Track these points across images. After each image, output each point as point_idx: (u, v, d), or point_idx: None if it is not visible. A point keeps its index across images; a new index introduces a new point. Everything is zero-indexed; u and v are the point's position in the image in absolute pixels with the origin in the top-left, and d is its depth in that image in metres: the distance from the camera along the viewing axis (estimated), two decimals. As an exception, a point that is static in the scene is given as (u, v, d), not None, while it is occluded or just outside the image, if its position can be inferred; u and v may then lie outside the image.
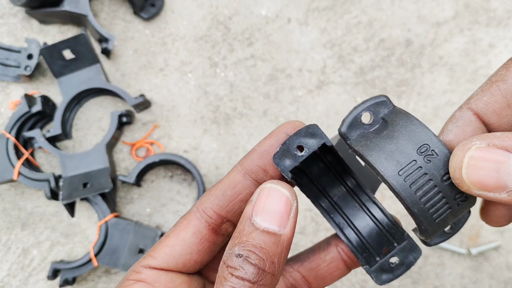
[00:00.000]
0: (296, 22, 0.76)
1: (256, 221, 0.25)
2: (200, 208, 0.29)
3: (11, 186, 0.72)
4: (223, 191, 0.29)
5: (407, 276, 0.69)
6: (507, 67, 0.26)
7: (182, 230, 0.29)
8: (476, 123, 0.27)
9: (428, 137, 0.25)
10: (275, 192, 0.25)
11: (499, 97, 0.26)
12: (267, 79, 0.74)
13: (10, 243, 0.70)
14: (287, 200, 0.25)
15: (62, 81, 0.71)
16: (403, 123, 0.26)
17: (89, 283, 0.69)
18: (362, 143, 0.26)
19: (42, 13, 0.72)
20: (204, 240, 0.29)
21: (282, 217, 0.25)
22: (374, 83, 0.74)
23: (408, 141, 0.25)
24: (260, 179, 0.28)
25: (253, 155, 0.29)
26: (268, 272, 0.24)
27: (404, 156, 0.25)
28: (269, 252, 0.24)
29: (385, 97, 0.27)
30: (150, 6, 0.75)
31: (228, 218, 0.29)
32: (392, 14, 0.76)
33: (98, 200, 0.66)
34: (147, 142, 0.72)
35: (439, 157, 0.25)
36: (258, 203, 0.25)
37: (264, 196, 0.25)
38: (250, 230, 0.25)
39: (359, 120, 0.27)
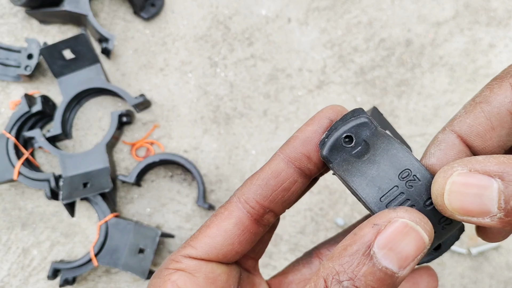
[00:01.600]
0: (296, 22, 0.76)
1: (377, 254, 0.21)
2: (242, 198, 0.28)
3: (11, 186, 0.72)
4: (266, 180, 0.28)
5: (407, 276, 0.69)
6: (491, 87, 0.26)
7: (223, 220, 0.28)
8: (459, 146, 0.26)
9: (409, 162, 0.25)
10: (412, 232, 0.21)
11: (482, 119, 0.26)
12: (267, 79, 0.74)
13: (10, 243, 0.70)
14: (422, 245, 0.22)
15: (62, 81, 0.71)
16: (385, 146, 0.25)
17: (89, 283, 0.69)
18: (344, 168, 0.26)
19: (42, 13, 0.72)
20: (246, 231, 0.28)
21: (408, 259, 0.21)
22: (374, 83, 0.74)
23: (390, 166, 0.25)
24: (303, 166, 0.27)
25: (295, 142, 0.27)
26: None
27: (386, 182, 0.24)
28: None
29: (366, 118, 0.26)
30: (150, 6, 0.75)
31: (270, 208, 0.28)
32: (392, 14, 0.76)
33: (98, 200, 0.66)
34: (147, 142, 0.72)
35: (421, 182, 0.24)
36: (386, 235, 0.21)
37: (397, 229, 0.21)
38: (365, 261, 0.21)
39: (341, 142, 0.26)
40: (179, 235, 0.70)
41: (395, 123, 0.73)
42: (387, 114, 0.73)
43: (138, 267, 0.64)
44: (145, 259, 0.64)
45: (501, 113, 0.25)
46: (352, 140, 0.26)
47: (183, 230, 0.70)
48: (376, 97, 0.73)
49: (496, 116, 0.25)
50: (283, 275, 0.34)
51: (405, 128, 0.72)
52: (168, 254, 0.70)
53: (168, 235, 0.68)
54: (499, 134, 0.26)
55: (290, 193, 0.28)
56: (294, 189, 0.28)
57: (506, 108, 0.25)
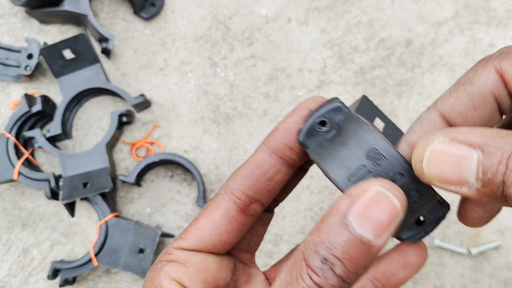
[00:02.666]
0: (296, 22, 0.76)
1: (352, 223, 0.22)
2: (228, 189, 0.29)
3: (11, 186, 0.72)
4: (250, 171, 0.29)
5: (407, 276, 0.69)
6: (475, 69, 0.26)
7: (211, 212, 0.29)
8: (441, 125, 0.27)
9: (376, 141, 0.25)
10: (383, 199, 0.22)
11: (465, 99, 0.26)
12: (267, 79, 0.74)
13: (10, 243, 0.70)
14: (395, 211, 0.22)
15: (62, 81, 0.71)
16: (354, 128, 0.26)
17: (89, 283, 0.69)
18: (318, 151, 0.27)
19: (42, 13, 0.72)
20: (233, 221, 0.29)
21: (382, 227, 0.22)
22: (374, 82, 0.74)
23: (357, 147, 0.26)
24: (286, 156, 0.28)
25: (277, 133, 0.29)
26: (348, 284, 0.22)
27: (354, 162, 0.25)
28: (357, 264, 0.22)
29: (340, 102, 0.27)
30: (150, 5, 0.75)
31: (256, 198, 0.29)
32: (392, 14, 0.76)
33: (98, 199, 0.66)
34: (147, 142, 0.72)
35: (388, 159, 0.25)
36: (360, 204, 0.22)
37: (369, 197, 0.22)
38: (341, 231, 0.22)
39: (316, 128, 0.27)
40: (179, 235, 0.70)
41: (395, 123, 0.73)
42: (387, 114, 0.73)
43: (138, 267, 0.64)
44: (145, 259, 0.64)
45: (484, 93, 0.26)
46: (326, 124, 0.27)
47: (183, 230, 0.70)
48: (376, 97, 0.73)
49: (479, 97, 0.26)
50: (279, 265, 0.35)
51: (405, 128, 0.72)
52: (168, 254, 0.70)
53: (168, 235, 0.68)
54: (480, 114, 0.26)
55: (274, 183, 0.29)
56: (278, 178, 0.29)
57: (489, 89, 0.26)
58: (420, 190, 0.25)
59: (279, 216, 0.70)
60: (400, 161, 0.25)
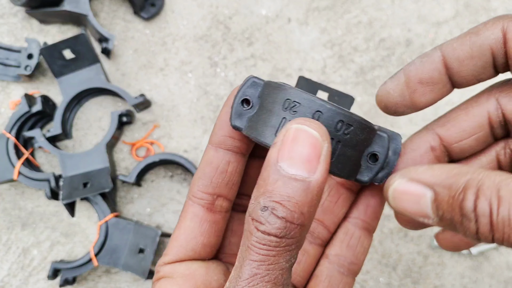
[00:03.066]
0: (296, 22, 0.76)
1: (282, 167, 0.22)
2: (190, 195, 0.30)
3: (11, 186, 0.72)
4: (202, 171, 0.30)
5: (407, 276, 0.69)
6: (486, 23, 0.28)
7: (181, 221, 0.30)
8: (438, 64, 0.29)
9: (288, 93, 0.26)
10: (302, 134, 0.23)
11: (466, 47, 0.28)
12: (267, 79, 0.74)
13: (10, 242, 0.70)
14: (316, 141, 0.23)
15: (62, 81, 0.71)
16: (268, 91, 0.27)
17: (89, 283, 0.69)
18: (249, 127, 0.28)
19: (42, 12, 0.72)
20: (203, 222, 0.30)
21: (311, 161, 0.22)
22: (374, 82, 0.74)
23: (275, 105, 0.26)
24: (229, 146, 0.30)
25: (215, 128, 0.30)
26: (296, 224, 0.22)
27: (275, 119, 0.26)
28: (297, 202, 0.22)
29: (253, 77, 0.29)
30: (150, 5, 0.75)
31: (217, 193, 0.30)
32: (392, 13, 0.76)
33: (98, 199, 0.66)
34: (147, 142, 0.72)
35: (302, 104, 0.26)
36: (284, 147, 0.23)
37: (290, 138, 0.23)
38: (275, 177, 0.22)
39: (241, 108, 0.28)
40: (179, 235, 0.70)
41: (395, 123, 0.73)
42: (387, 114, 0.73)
43: (138, 267, 0.64)
44: (145, 259, 0.64)
45: (483, 45, 0.27)
46: (249, 102, 0.28)
47: (183, 230, 0.70)
48: (376, 97, 0.73)
49: (478, 48, 0.27)
50: None
51: (405, 128, 0.72)
52: (168, 254, 0.70)
53: (168, 235, 0.68)
54: (475, 63, 0.28)
55: (229, 174, 0.30)
56: (231, 169, 0.30)
57: (489, 43, 0.27)
58: (344, 121, 0.26)
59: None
60: (313, 100, 0.25)
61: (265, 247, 0.22)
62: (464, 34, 0.28)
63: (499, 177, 0.22)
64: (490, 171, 0.23)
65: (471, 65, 0.28)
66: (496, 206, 0.21)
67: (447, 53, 0.28)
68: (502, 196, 0.21)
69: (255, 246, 0.22)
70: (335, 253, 0.33)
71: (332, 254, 0.33)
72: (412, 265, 0.70)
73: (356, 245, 0.33)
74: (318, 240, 0.34)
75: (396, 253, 0.70)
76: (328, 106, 0.25)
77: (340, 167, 0.27)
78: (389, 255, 0.70)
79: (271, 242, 0.22)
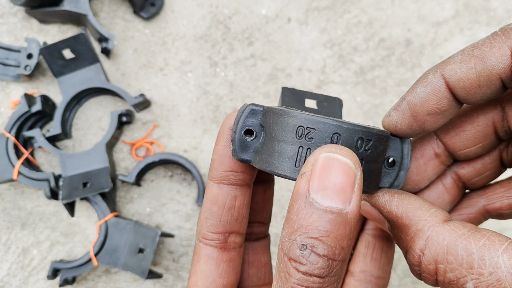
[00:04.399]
0: (296, 22, 0.76)
1: (316, 199, 0.21)
2: (199, 237, 0.29)
3: (11, 186, 0.72)
4: (209, 210, 0.28)
5: (407, 275, 0.69)
6: (491, 44, 0.26)
7: (195, 266, 0.29)
8: (444, 93, 0.27)
9: (297, 119, 0.25)
10: (334, 162, 0.21)
11: (472, 76, 0.26)
12: (267, 79, 0.74)
13: (10, 242, 0.70)
14: (349, 170, 0.21)
15: (62, 81, 0.71)
16: (273, 119, 0.26)
17: (89, 283, 0.69)
18: (259, 159, 0.26)
19: (42, 12, 0.72)
20: (219, 263, 0.28)
21: (346, 191, 0.21)
22: (374, 82, 0.74)
23: (286, 133, 0.25)
24: (233, 180, 0.28)
25: (214, 164, 0.28)
26: (338, 261, 0.21)
27: (291, 149, 0.25)
28: (337, 236, 0.20)
29: (251, 105, 0.27)
30: (150, 5, 0.75)
31: (228, 231, 0.28)
32: (392, 13, 0.76)
33: (98, 199, 0.66)
34: (147, 142, 0.72)
35: (317, 128, 0.24)
36: (314, 177, 0.21)
37: (320, 167, 0.21)
38: (310, 211, 0.21)
39: (245, 140, 0.27)
40: (179, 234, 0.70)
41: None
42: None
43: (138, 267, 0.64)
44: (145, 258, 0.64)
45: (491, 75, 0.26)
46: (252, 132, 0.27)
47: (183, 229, 0.70)
48: (376, 96, 0.73)
49: (486, 77, 0.26)
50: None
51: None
52: (168, 254, 0.70)
53: (168, 234, 0.68)
54: (484, 92, 0.26)
55: (238, 209, 0.28)
56: (239, 204, 0.28)
57: (497, 72, 0.25)
58: (364, 137, 0.25)
59: (279, 216, 0.70)
60: (328, 123, 0.24)
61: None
62: (467, 57, 0.26)
63: (446, 239, 0.22)
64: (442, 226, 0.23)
65: (479, 93, 0.26)
66: (442, 271, 0.21)
67: (452, 82, 0.27)
68: (446, 261, 0.21)
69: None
70: (360, 269, 0.32)
71: (357, 271, 0.32)
72: (412, 265, 0.70)
73: (380, 257, 0.32)
74: None
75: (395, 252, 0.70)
76: (345, 126, 0.24)
77: (367, 184, 0.26)
78: (389, 255, 0.70)
79: (314, 283, 0.20)
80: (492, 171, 0.31)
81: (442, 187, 0.31)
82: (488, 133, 0.29)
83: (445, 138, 0.30)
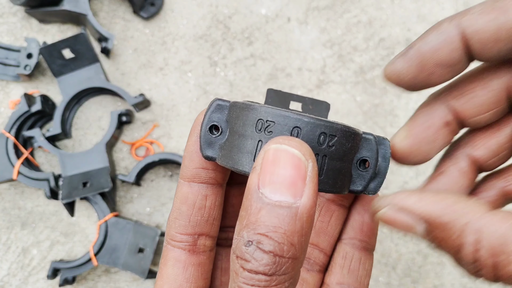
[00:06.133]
0: (296, 21, 0.76)
1: (265, 193, 0.20)
2: (168, 238, 0.27)
3: (10, 186, 0.72)
4: (178, 210, 0.27)
5: (407, 275, 0.69)
6: None
7: (162, 269, 0.27)
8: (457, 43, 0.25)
9: (256, 112, 0.23)
10: (282, 154, 0.20)
11: (492, 28, 0.24)
12: (267, 78, 0.74)
13: (9, 242, 0.70)
14: (299, 161, 0.20)
15: (61, 80, 0.71)
16: (236, 114, 0.25)
17: (89, 283, 0.69)
18: (223, 156, 0.25)
19: (41, 12, 0.72)
20: (187, 266, 0.27)
21: (296, 183, 0.20)
22: (374, 82, 0.74)
23: (245, 127, 0.24)
24: (204, 178, 0.27)
25: (185, 160, 0.27)
26: (287, 258, 0.20)
27: (250, 143, 0.24)
28: (285, 232, 0.19)
29: (218, 100, 0.26)
30: (149, 5, 0.75)
31: (198, 233, 0.27)
32: (392, 13, 0.76)
33: (98, 199, 0.66)
34: (146, 142, 0.72)
35: (276, 121, 0.23)
36: (264, 171, 0.20)
37: (269, 160, 0.20)
38: (258, 206, 0.20)
39: (210, 136, 0.26)
40: (178, 234, 0.70)
41: (394, 122, 0.73)
42: (387, 113, 0.73)
43: (137, 266, 0.64)
44: (144, 258, 0.64)
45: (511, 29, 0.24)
46: (218, 128, 0.26)
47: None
48: (376, 96, 0.73)
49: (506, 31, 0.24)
50: None
51: (404, 127, 0.72)
52: (167, 253, 0.70)
53: (168, 234, 0.68)
54: (500, 47, 0.25)
55: (207, 209, 0.27)
56: (209, 203, 0.27)
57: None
58: (327, 132, 0.23)
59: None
60: (288, 116, 0.23)
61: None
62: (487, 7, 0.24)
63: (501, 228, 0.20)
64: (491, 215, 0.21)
65: (496, 48, 0.25)
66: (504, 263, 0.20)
67: (469, 32, 0.25)
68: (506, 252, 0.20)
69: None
70: (337, 281, 0.30)
71: (334, 283, 0.30)
72: (412, 264, 0.70)
73: (358, 268, 0.30)
74: (316, 267, 0.31)
75: (395, 252, 0.70)
76: (305, 119, 0.23)
77: (331, 183, 0.24)
78: (389, 254, 0.70)
79: (260, 281, 0.19)
80: (508, 151, 0.29)
81: (457, 172, 0.29)
82: (501, 98, 0.27)
83: (456, 104, 0.28)
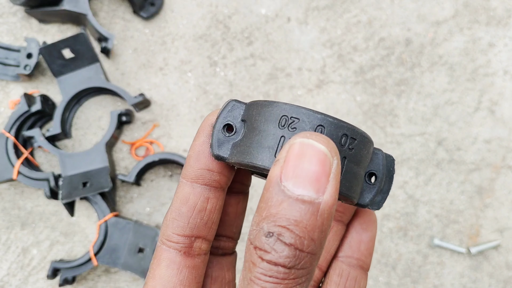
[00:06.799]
0: (295, 21, 0.76)
1: (287, 186, 0.19)
2: (163, 238, 0.27)
3: (10, 185, 0.72)
4: (177, 210, 0.26)
5: (407, 275, 0.69)
6: None
7: (155, 269, 0.27)
8: None
9: (281, 109, 0.24)
10: (308, 149, 0.20)
11: None
12: (266, 78, 0.74)
13: (9, 242, 0.70)
14: (325, 157, 0.20)
15: (61, 80, 0.71)
16: (256, 111, 0.25)
17: (88, 282, 0.69)
18: (235, 154, 0.25)
19: (41, 12, 0.72)
20: (182, 268, 0.26)
21: (320, 179, 0.19)
22: (373, 82, 0.74)
23: (267, 123, 0.24)
24: (208, 180, 0.26)
25: (190, 161, 0.27)
26: (307, 252, 0.19)
27: (271, 138, 0.23)
28: (307, 227, 0.19)
29: (233, 100, 0.26)
30: (149, 5, 0.75)
31: (195, 235, 0.27)
32: (392, 13, 0.76)
33: (98, 199, 0.66)
34: (146, 141, 0.72)
35: (301, 119, 0.23)
36: (288, 164, 0.20)
37: (295, 154, 0.20)
38: (280, 199, 0.19)
39: (224, 135, 0.26)
40: (178, 234, 0.70)
41: (394, 122, 0.73)
42: (387, 113, 0.73)
43: (137, 266, 0.64)
44: (144, 258, 0.64)
45: None
46: (232, 128, 0.26)
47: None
48: (376, 96, 0.73)
49: None
50: None
51: (404, 127, 0.72)
52: (167, 253, 0.70)
53: (168, 234, 0.68)
54: None
55: (208, 212, 0.27)
56: (211, 206, 0.27)
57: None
58: (348, 134, 0.23)
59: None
60: (313, 114, 0.23)
61: (272, 279, 0.19)
62: None
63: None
64: None
65: None
66: None
67: None
68: None
69: (260, 278, 0.20)
70: None
71: None
72: (412, 264, 0.70)
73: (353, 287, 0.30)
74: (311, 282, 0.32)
75: (395, 252, 0.70)
76: (330, 119, 0.23)
77: (348, 186, 0.24)
78: (389, 254, 0.70)
79: (278, 273, 0.19)
80: None
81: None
82: None
83: None
